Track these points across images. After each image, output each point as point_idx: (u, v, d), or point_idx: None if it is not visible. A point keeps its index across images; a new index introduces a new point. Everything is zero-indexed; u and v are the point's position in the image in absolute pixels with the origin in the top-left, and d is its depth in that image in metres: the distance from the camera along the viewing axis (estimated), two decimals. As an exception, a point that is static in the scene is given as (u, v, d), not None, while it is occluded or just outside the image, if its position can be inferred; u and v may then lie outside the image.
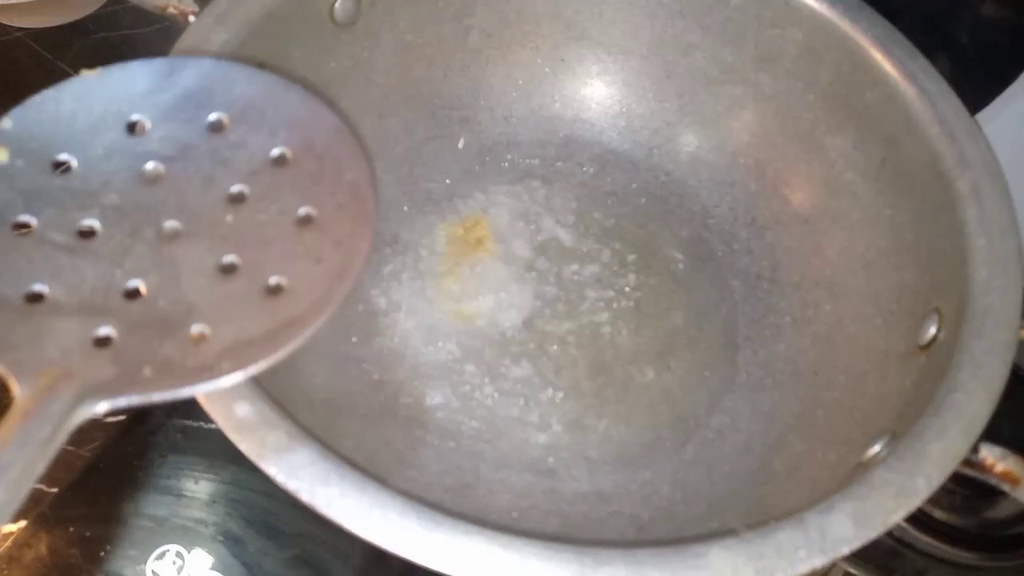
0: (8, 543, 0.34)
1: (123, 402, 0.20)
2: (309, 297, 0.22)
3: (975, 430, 0.25)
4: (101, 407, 0.20)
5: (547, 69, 0.42)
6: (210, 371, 0.21)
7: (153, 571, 0.33)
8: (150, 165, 0.24)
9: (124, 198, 0.23)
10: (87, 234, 0.23)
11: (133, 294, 0.22)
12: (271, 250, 0.23)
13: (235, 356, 0.21)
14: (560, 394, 0.36)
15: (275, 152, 0.24)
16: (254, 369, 0.21)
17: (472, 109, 0.42)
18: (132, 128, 0.24)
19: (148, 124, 0.24)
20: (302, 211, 0.23)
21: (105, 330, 0.21)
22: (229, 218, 0.23)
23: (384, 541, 0.22)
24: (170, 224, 0.23)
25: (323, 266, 0.23)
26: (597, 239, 0.40)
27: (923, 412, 0.26)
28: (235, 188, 0.24)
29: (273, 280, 0.22)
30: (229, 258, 0.23)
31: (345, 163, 0.24)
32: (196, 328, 0.22)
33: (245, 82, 0.25)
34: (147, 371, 0.21)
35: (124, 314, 0.22)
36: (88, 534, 0.34)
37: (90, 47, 0.49)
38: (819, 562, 0.22)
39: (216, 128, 0.25)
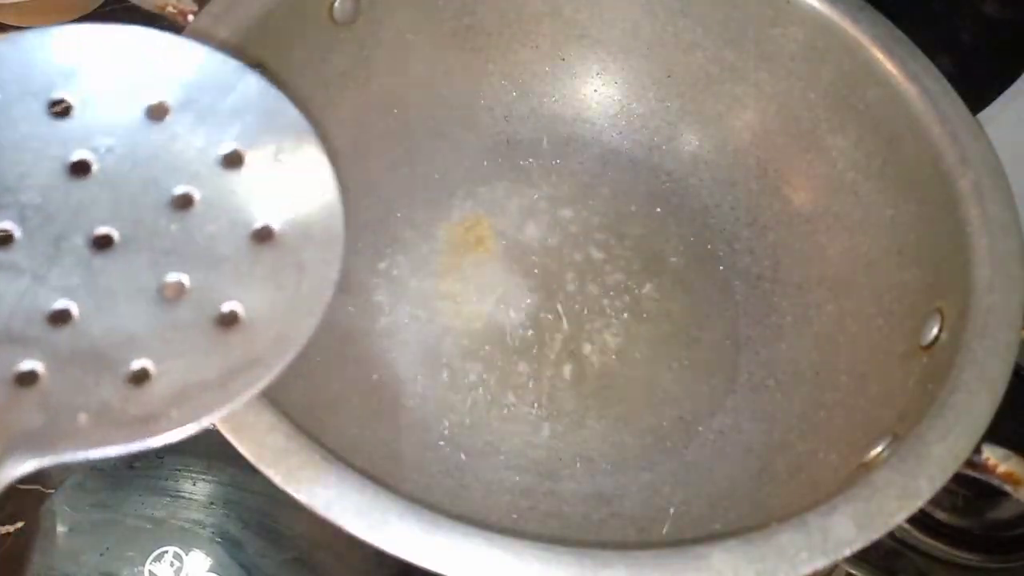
0: (7, 544, 0.34)
1: (53, 460, 0.17)
2: (270, 332, 0.19)
3: (977, 431, 0.25)
4: (27, 466, 0.16)
5: (547, 68, 0.42)
6: (156, 422, 0.17)
7: (151, 572, 0.33)
8: (77, 155, 0.20)
9: (46, 196, 0.19)
10: (2, 240, 0.19)
11: (60, 318, 0.18)
12: (223, 270, 0.19)
13: (185, 403, 0.18)
14: (560, 395, 0.36)
15: (226, 149, 0.20)
16: (207, 421, 0.18)
17: (472, 108, 0.42)
18: (54, 108, 0.20)
19: (73, 104, 0.20)
20: (258, 223, 0.20)
21: (28, 364, 0.18)
22: (173, 227, 0.20)
23: (383, 543, 0.22)
24: (102, 230, 0.19)
25: (285, 294, 0.19)
26: (597, 239, 0.40)
27: (925, 413, 0.26)
28: (180, 189, 0.20)
29: (227, 307, 0.19)
30: (174, 276, 0.19)
31: (308, 169, 0.20)
32: (137, 363, 0.18)
33: (191, 61, 0.21)
34: (82, 419, 0.17)
35: (51, 343, 0.18)
36: (86, 535, 0.34)
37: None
38: (821, 564, 0.22)
39: (156, 114, 0.20)
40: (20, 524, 0.34)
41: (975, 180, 0.31)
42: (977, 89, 0.39)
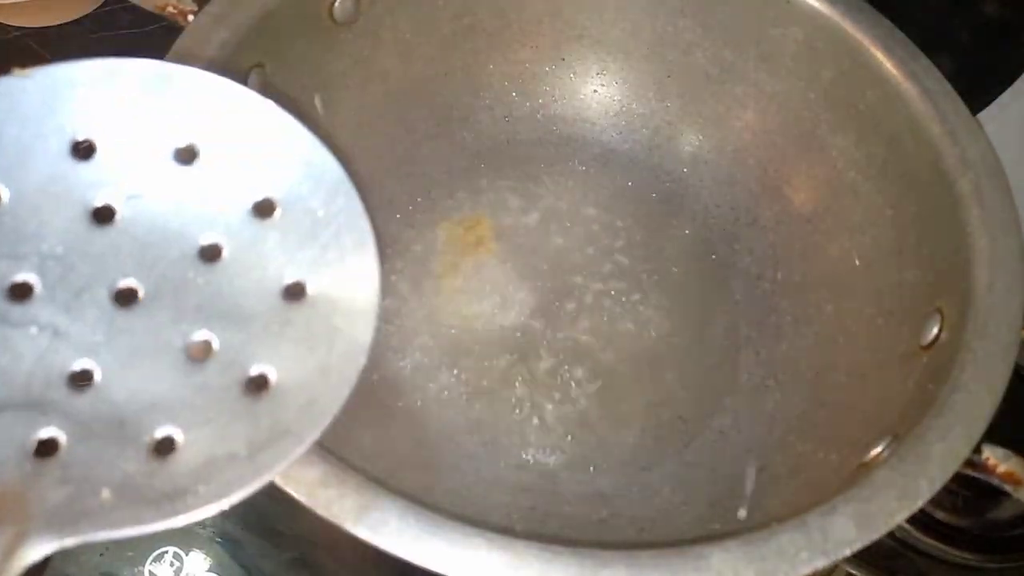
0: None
1: (75, 541, 0.15)
2: (300, 399, 0.17)
3: (977, 431, 0.25)
4: (47, 548, 0.15)
5: (547, 68, 0.42)
6: (182, 499, 0.16)
7: (151, 572, 0.33)
8: (101, 200, 0.18)
9: (67, 245, 0.18)
10: (21, 292, 0.17)
11: (81, 380, 0.17)
12: (253, 328, 0.18)
13: (212, 477, 0.16)
14: (560, 395, 0.36)
15: (259, 197, 0.19)
16: (236, 498, 0.16)
17: (472, 108, 0.42)
18: (77, 149, 0.18)
19: (97, 145, 0.19)
20: (290, 279, 0.19)
21: (48, 431, 0.16)
22: (200, 280, 0.18)
23: (383, 543, 0.22)
24: (126, 283, 0.18)
25: (317, 358, 0.18)
26: (597, 239, 0.40)
27: (925, 413, 0.26)
28: (208, 239, 0.19)
29: (256, 370, 0.18)
30: (201, 335, 0.18)
31: (344, 222, 0.19)
32: (161, 431, 0.17)
33: (225, 102, 0.19)
34: (105, 494, 0.16)
35: (71, 409, 0.16)
36: (86, 535, 0.34)
37: (88, 47, 0.49)
38: (821, 564, 0.22)
39: (185, 157, 0.19)
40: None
41: (975, 180, 0.31)
42: (977, 89, 0.39)
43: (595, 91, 0.43)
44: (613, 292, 0.38)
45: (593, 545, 0.22)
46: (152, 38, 0.49)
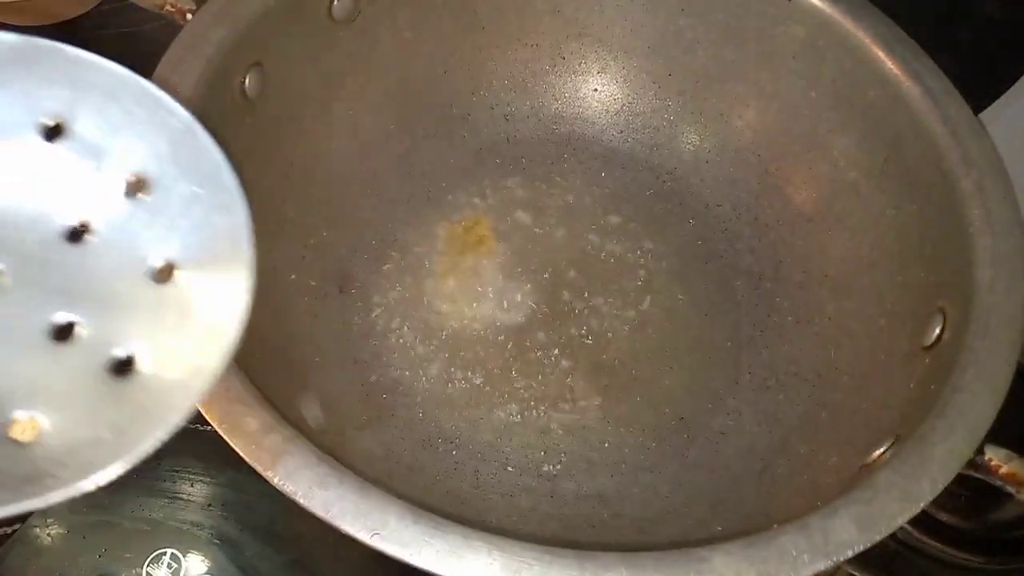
0: (4, 545, 0.34)
1: None
2: (167, 381, 0.17)
3: (980, 432, 0.25)
4: None
5: (547, 67, 0.42)
6: (43, 482, 0.16)
7: (149, 574, 0.33)
8: None
9: None
10: None
11: None
12: (120, 310, 0.18)
13: (75, 461, 0.16)
14: (560, 396, 0.36)
15: (129, 176, 0.18)
16: (101, 479, 0.16)
17: (472, 107, 0.42)
18: None
19: None
20: (160, 260, 0.18)
21: None
22: (66, 261, 0.18)
23: (382, 545, 0.22)
24: None
25: (185, 339, 0.17)
26: (598, 239, 0.40)
27: (927, 414, 0.26)
28: (75, 220, 0.18)
29: (121, 352, 0.17)
30: (65, 316, 0.17)
31: (217, 202, 0.18)
32: (21, 414, 0.16)
33: (94, 77, 0.18)
34: None
35: None
36: (84, 537, 0.34)
37: (87, 45, 0.49)
38: (822, 566, 0.22)
39: (51, 133, 0.18)
40: (17, 527, 0.34)
41: (977, 180, 0.30)
42: (978, 88, 0.39)
43: (595, 90, 0.43)
44: (613, 292, 0.38)
45: (594, 547, 0.22)
46: (151, 36, 0.49)
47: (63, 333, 0.17)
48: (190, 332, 0.18)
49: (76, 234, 0.18)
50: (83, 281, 0.18)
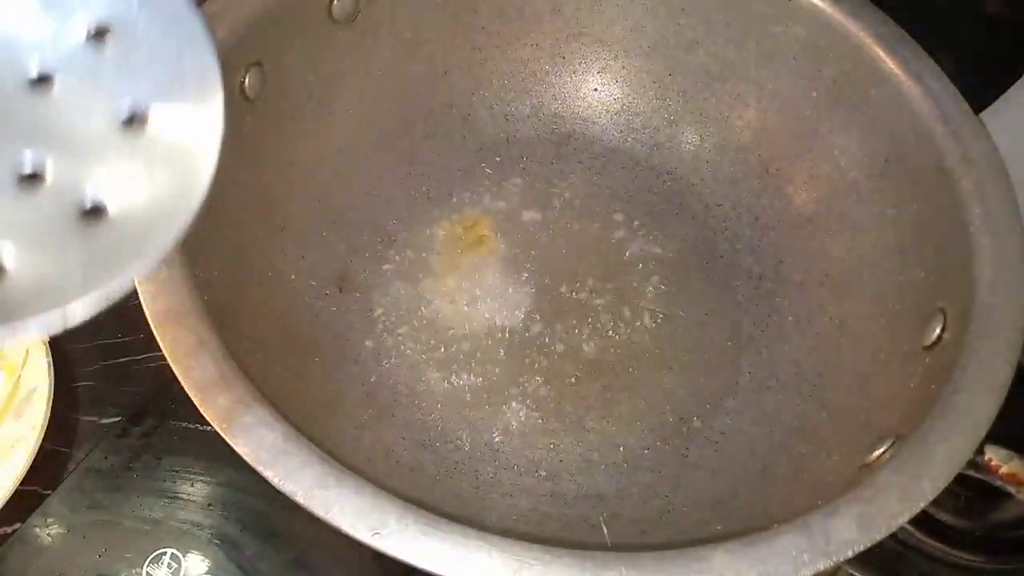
0: (4, 545, 0.34)
1: None
2: (137, 226, 0.17)
3: (980, 432, 0.25)
4: None
5: (548, 67, 0.42)
6: (13, 314, 0.16)
7: (149, 574, 0.33)
8: None
9: None
10: None
11: None
12: (89, 157, 0.18)
13: (46, 296, 0.16)
14: (560, 396, 0.36)
15: (92, 23, 0.18)
16: (73, 314, 0.16)
17: (472, 107, 0.42)
18: None
19: None
20: (130, 108, 0.18)
21: None
22: (33, 108, 0.18)
23: (382, 545, 0.22)
24: None
25: (155, 187, 0.18)
26: (597, 239, 0.40)
27: (928, 414, 0.26)
28: (39, 68, 0.18)
29: (91, 197, 0.17)
30: (32, 160, 0.17)
31: (188, 52, 0.18)
32: None
33: None
34: None
35: None
36: (84, 537, 0.34)
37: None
38: (823, 566, 0.22)
39: None
40: (17, 526, 0.34)
41: (977, 180, 0.30)
42: (978, 88, 0.39)
43: (596, 89, 0.43)
44: (613, 292, 0.38)
45: (593, 547, 0.22)
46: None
47: (31, 179, 0.17)
48: (162, 176, 0.18)
49: (41, 81, 0.18)
50: (50, 127, 0.18)
